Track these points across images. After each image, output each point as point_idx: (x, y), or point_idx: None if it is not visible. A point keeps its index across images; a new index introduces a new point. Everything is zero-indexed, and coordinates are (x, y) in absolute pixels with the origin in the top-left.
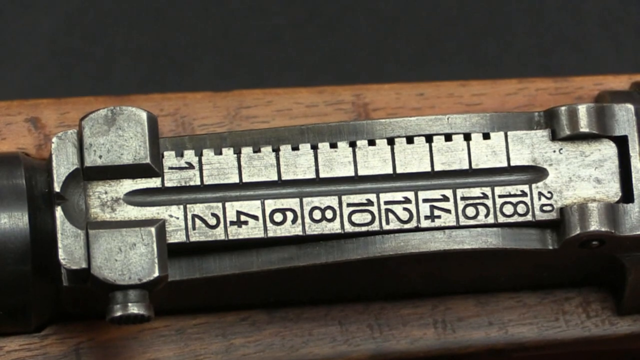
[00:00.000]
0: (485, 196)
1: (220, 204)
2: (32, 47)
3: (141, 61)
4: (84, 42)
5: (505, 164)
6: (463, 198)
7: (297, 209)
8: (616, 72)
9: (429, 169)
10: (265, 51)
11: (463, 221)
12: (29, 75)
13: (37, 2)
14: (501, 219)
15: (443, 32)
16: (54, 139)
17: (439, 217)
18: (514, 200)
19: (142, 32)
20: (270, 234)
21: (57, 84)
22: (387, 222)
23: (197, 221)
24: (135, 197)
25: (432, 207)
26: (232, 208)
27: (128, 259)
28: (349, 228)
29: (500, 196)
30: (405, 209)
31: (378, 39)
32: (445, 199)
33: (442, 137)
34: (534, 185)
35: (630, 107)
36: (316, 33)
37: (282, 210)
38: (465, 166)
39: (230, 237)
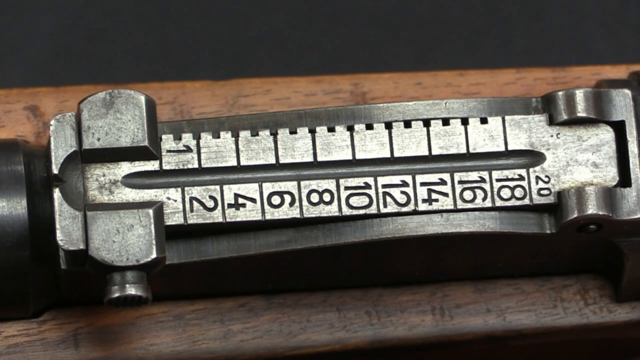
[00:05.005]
0: (482, 180)
1: (218, 187)
2: (32, 42)
3: (141, 54)
4: (84, 35)
5: (502, 148)
6: (461, 182)
7: (295, 192)
8: (614, 62)
9: (426, 152)
10: (264, 42)
11: (461, 205)
12: (29, 69)
13: None
14: (499, 203)
15: (442, 23)
16: (53, 122)
17: (436, 200)
18: (511, 184)
19: (142, 25)
20: (268, 217)
21: (57, 77)
22: (385, 205)
23: (195, 204)
24: (133, 180)
25: (430, 191)
26: (229, 191)
27: (126, 241)
28: (346, 211)
29: (497, 180)
30: (402, 192)
31: (377, 29)
32: (442, 182)
33: (440, 122)
34: (531, 169)
35: (628, 92)
36: (315, 24)
37: (280, 193)
38: (463, 150)
39: (228, 220)
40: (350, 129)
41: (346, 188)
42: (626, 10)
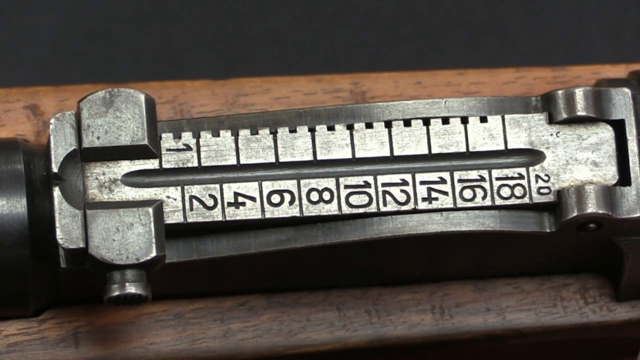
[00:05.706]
0: (482, 179)
1: (217, 185)
2: (32, 42)
3: (141, 54)
4: (84, 35)
5: (502, 147)
6: (460, 180)
7: (295, 191)
8: (614, 61)
9: (426, 151)
10: (264, 42)
11: (460, 203)
12: (29, 69)
13: None
14: (498, 202)
15: (442, 23)
16: (52, 120)
17: (436, 199)
18: (511, 182)
19: (142, 25)
20: (268, 215)
21: (57, 77)
22: (385, 204)
23: (195, 202)
24: (133, 178)
25: (430, 189)
26: (229, 189)
27: (126, 239)
28: (346, 210)
29: (497, 179)
30: (402, 191)
31: (377, 29)
32: (442, 181)
33: (440, 120)
34: (531, 168)
35: (628, 91)
36: (315, 24)
37: (280, 192)
38: (463, 149)
39: (228, 218)
40: (350, 127)
41: (346, 187)
42: (626, 10)
